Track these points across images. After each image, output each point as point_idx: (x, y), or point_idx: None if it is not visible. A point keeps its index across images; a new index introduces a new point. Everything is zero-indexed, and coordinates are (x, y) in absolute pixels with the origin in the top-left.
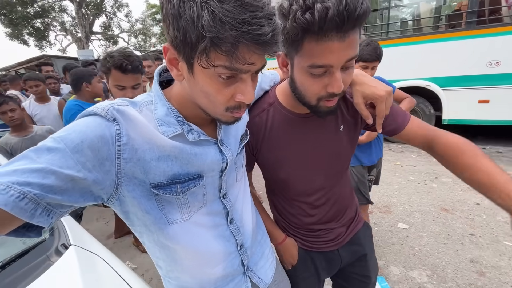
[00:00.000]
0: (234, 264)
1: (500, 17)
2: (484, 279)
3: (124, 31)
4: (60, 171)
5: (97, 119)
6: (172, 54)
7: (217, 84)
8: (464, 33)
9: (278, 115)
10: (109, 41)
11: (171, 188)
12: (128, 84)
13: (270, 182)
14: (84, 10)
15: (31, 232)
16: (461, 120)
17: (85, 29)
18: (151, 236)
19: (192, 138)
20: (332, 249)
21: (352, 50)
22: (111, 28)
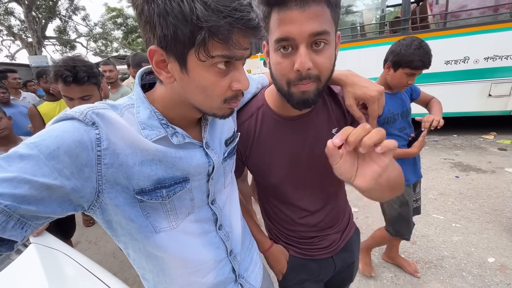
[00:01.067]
0: (225, 271)
1: (428, 24)
2: (415, 246)
3: (82, 36)
4: (34, 179)
5: (75, 123)
6: (159, 56)
7: (214, 76)
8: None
9: (266, 119)
10: (65, 46)
11: (156, 193)
12: (74, 95)
13: (262, 188)
14: (35, 13)
15: (2, 246)
16: None
17: (36, 34)
18: (136, 246)
19: (177, 141)
20: (327, 256)
21: (317, 24)
22: (67, 33)
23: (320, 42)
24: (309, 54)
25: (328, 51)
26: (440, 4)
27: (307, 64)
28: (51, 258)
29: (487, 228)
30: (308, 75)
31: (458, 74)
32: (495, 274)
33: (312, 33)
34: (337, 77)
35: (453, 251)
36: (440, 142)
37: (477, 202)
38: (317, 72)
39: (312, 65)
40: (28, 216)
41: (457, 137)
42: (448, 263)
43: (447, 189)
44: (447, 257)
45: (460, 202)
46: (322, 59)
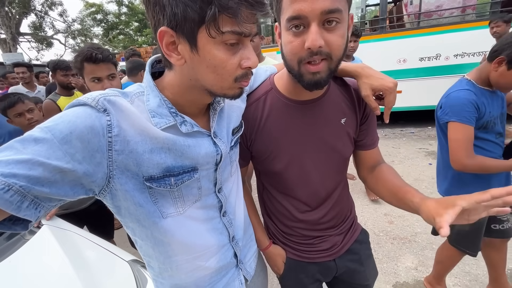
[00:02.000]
0: (227, 256)
1: (404, 23)
2: (392, 225)
3: (60, 32)
4: (47, 162)
5: (87, 109)
6: (169, 38)
7: (224, 54)
8: (378, 36)
9: (275, 102)
10: (42, 43)
11: (165, 181)
12: (102, 74)
13: (264, 176)
14: (8, 9)
15: (17, 225)
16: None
17: (10, 30)
18: (143, 232)
19: (185, 130)
20: (328, 259)
21: (329, 1)
22: (43, 29)
23: (332, 21)
24: (320, 32)
25: (341, 29)
26: (414, 5)
27: (318, 42)
28: (63, 236)
29: None
30: (319, 52)
31: (431, 69)
32: None
33: (324, 11)
34: (352, 69)
35: (425, 228)
36: (416, 133)
37: None
38: (329, 50)
39: (323, 43)
40: (41, 197)
41: (431, 128)
42: (421, 238)
43: (422, 175)
44: (419, 233)
45: (432, 186)
46: (335, 37)
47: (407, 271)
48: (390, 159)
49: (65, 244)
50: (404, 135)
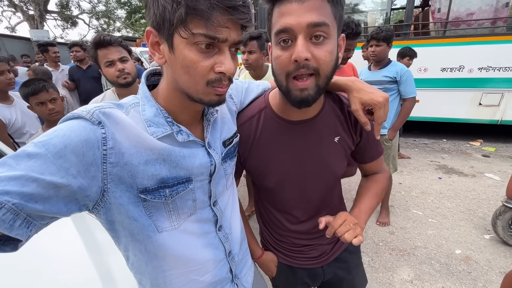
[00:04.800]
0: (223, 271)
1: (428, 31)
2: (393, 236)
3: (85, 12)
4: (41, 178)
5: (82, 122)
6: (154, 37)
7: (195, 55)
8: (400, 42)
9: (268, 121)
10: (67, 22)
11: (159, 192)
12: (114, 57)
13: (258, 190)
14: None
15: (7, 246)
16: None
17: (39, 7)
18: (137, 247)
19: (182, 139)
20: (316, 266)
21: (315, 15)
22: (70, 8)
23: (319, 36)
24: (307, 46)
25: (329, 45)
26: (442, 13)
27: (304, 54)
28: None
29: (459, 225)
30: (306, 65)
31: (452, 81)
32: (460, 264)
33: (310, 23)
34: (343, 82)
35: (425, 242)
36: (430, 145)
37: (454, 202)
38: (316, 65)
39: (310, 56)
40: (34, 215)
41: (446, 141)
42: (420, 252)
43: (429, 188)
44: (419, 247)
45: (439, 200)
46: (322, 52)
47: (402, 283)
48: (399, 169)
49: (79, 224)
50: (416, 145)
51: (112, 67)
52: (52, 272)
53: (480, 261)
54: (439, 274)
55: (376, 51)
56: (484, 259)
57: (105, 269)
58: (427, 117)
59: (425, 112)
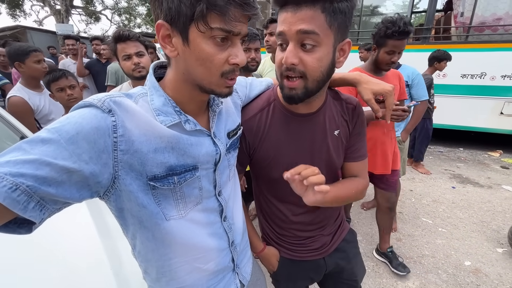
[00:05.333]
0: (225, 260)
1: (450, 35)
2: (400, 243)
3: (108, 8)
4: (54, 162)
5: (93, 110)
6: (165, 31)
7: (212, 48)
8: (420, 46)
9: (277, 113)
10: (91, 17)
11: (168, 180)
12: (131, 51)
13: (262, 182)
14: None
15: (22, 228)
16: None
17: (65, 2)
18: (144, 234)
19: (189, 128)
20: (318, 258)
21: (305, 24)
22: (94, 4)
23: (308, 43)
24: (296, 52)
25: (318, 53)
26: (465, 17)
27: (289, 59)
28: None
29: (470, 236)
30: (293, 69)
31: (473, 88)
32: (468, 276)
33: (299, 31)
34: (351, 77)
35: (433, 252)
36: (445, 153)
37: (467, 212)
38: (303, 69)
39: (297, 61)
40: (47, 199)
41: (463, 150)
42: (427, 261)
43: (441, 197)
44: (427, 255)
45: (451, 210)
46: (310, 58)
47: None
48: (410, 176)
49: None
50: (431, 153)
51: (129, 61)
52: (64, 251)
53: (490, 275)
54: (446, 285)
55: None
56: (495, 272)
57: (114, 252)
58: (444, 124)
59: (442, 119)
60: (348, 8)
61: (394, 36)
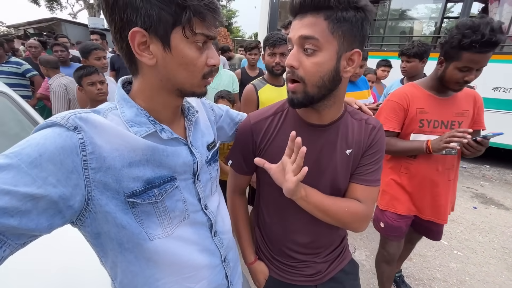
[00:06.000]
0: (219, 278)
1: None
2: (410, 263)
3: None
4: (14, 189)
5: (56, 129)
6: (141, 38)
7: (195, 52)
8: None
9: (289, 119)
10: None
11: (148, 193)
12: None
13: (263, 189)
14: None
15: None
16: None
17: None
18: (127, 258)
19: (166, 137)
20: (309, 284)
21: (306, 30)
22: None
23: (308, 48)
24: (298, 55)
25: (318, 58)
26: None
27: (289, 61)
28: None
29: (489, 262)
30: (292, 72)
31: (505, 103)
32: None
33: (301, 36)
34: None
35: (446, 276)
36: (469, 169)
37: (488, 236)
38: (302, 73)
39: (296, 64)
40: (8, 233)
41: (489, 168)
42: (438, 285)
43: (460, 217)
44: (438, 279)
45: (470, 232)
46: (308, 63)
47: None
48: None
49: None
50: None
51: None
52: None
53: None
54: None
55: (407, 67)
56: None
57: None
58: None
59: None
60: (357, 18)
61: (474, 48)
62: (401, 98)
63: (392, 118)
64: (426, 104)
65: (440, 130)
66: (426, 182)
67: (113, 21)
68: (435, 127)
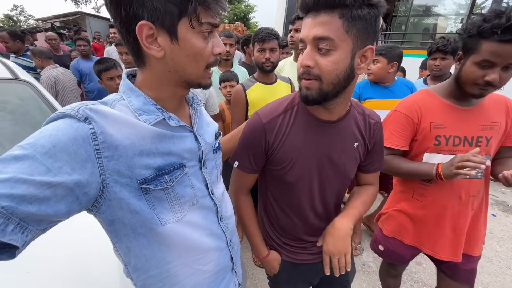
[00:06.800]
0: (225, 260)
1: None
2: (419, 267)
3: None
4: (31, 178)
5: (67, 120)
6: (148, 31)
7: (202, 42)
8: None
9: (299, 116)
10: None
11: (160, 180)
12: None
13: (273, 188)
14: None
15: (3, 253)
16: None
17: None
18: (140, 242)
19: (174, 124)
20: (316, 261)
21: (320, 30)
22: None
23: (323, 47)
24: (313, 54)
25: (333, 56)
26: None
27: (305, 61)
28: None
29: (505, 273)
30: (308, 72)
31: None
32: None
33: (315, 37)
34: None
35: None
36: None
37: (506, 246)
38: (318, 72)
39: (312, 63)
40: (28, 219)
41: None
42: None
43: None
44: None
45: (487, 241)
46: (324, 61)
47: None
48: None
49: None
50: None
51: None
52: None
53: None
54: None
55: (441, 65)
56: None
57: None
58: None
59: None
60: (370, 15)
61: (495, 36)
62: (411, 110)
63: (398, 133)
64: (443, 117)
65: (462, 148)
66: (446, 213)
67: (118, 16)
68: (455, 144)
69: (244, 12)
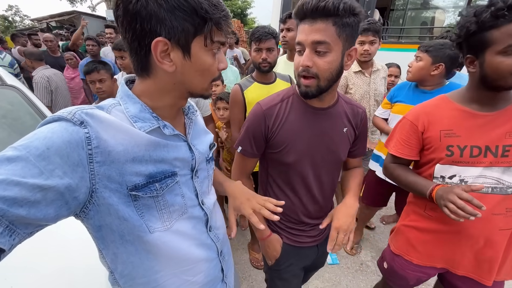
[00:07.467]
0: (215, 271)
1: None
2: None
3: None
4: (23, 181)
5: (63, 123)
6: (163, 47)
7: (211, 59)
8: None
9: (295, 104)
10: None
11: (150, 187)
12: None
13: (273, 169)
14: None
15: None
16: None
17: None
18: (127, 249)
19: (168, 132)
20: (314, 244)
21: (318, 35)
22: None
23: (321, 50)
24: (311, 56)
25: (328, 57)
26: None
27: (305, 62)
28: None
29: None
30: (307, 70)
31: None
32: None
33: (314, 41)
34: None
35: None
36: None
37: None
38: (316, 71)
39: (311, 64)
40: (17, 223)
41: None
42: None
43: None
44: None
45: None
46: (321, 62)
47: None
48: None
49: None
50: None
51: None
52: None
53: None
54: None
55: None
56: None
57: None
58: None
59: None
60: (355, 22)
61: (506, 17)
62: (417, 117)
63: (403, 141)
64: (456, 124)
65: (484, 159)
66: (460, 233)
67: (131, 30)
68: (473, 155)
69: (241, 8)
